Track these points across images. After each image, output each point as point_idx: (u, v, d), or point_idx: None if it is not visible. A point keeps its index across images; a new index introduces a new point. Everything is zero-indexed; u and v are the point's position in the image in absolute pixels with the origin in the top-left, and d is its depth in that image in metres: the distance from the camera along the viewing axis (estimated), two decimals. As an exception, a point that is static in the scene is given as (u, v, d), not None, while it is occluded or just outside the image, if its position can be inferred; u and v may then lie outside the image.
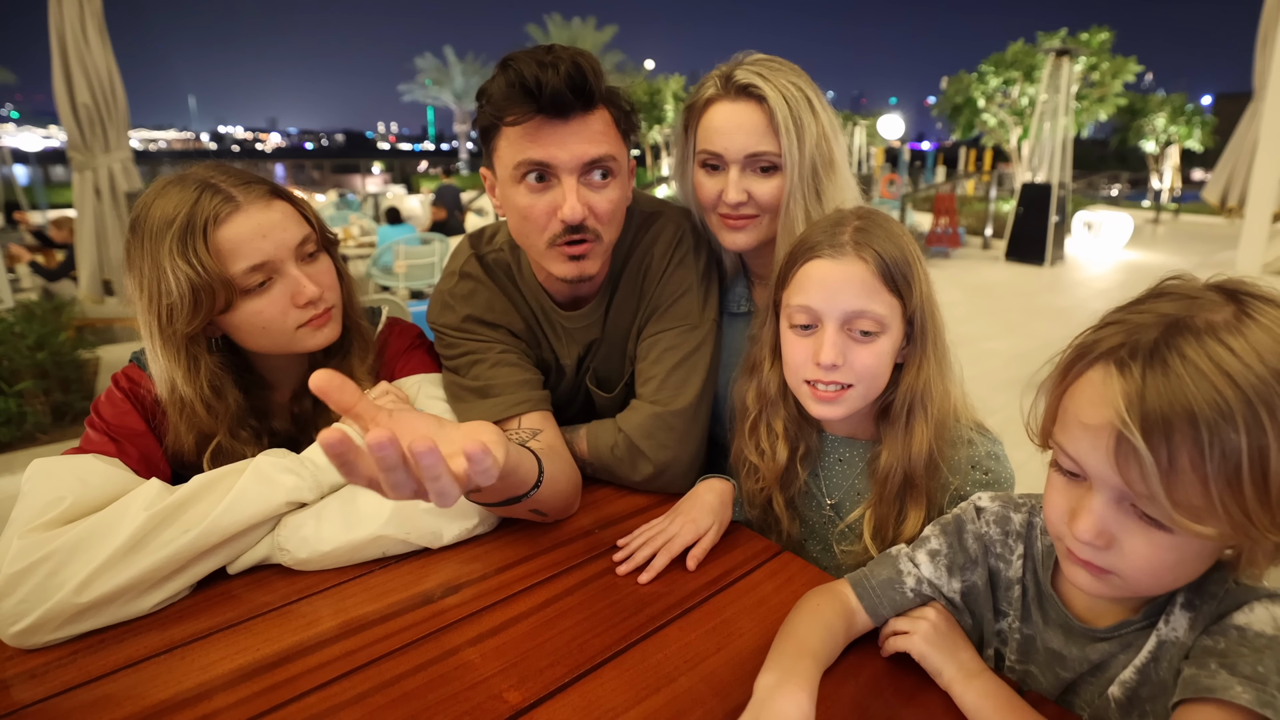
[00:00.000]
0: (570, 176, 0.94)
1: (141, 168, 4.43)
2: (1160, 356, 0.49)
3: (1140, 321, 0.52)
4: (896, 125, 20.71)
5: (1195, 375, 0.48)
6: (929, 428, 0.88)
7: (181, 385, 0.91)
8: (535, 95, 0.89)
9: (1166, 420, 0.48)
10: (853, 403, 0.87)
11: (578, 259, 1.00)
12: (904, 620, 0.75)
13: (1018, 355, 5.01)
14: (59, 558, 0.75)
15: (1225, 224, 12.94)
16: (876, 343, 0.85)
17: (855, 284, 0.83)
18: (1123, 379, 0.50)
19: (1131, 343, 0.51)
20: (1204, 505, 0.49)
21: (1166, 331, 0.50)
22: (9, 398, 3.25)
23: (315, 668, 0.73)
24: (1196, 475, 0.48)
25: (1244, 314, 0.50)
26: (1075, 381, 0.55)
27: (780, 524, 1.01)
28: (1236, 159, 4.37)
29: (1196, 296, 0.52)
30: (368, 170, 29.44)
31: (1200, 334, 0.49)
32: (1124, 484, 0.51)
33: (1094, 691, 0.67)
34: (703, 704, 0.68)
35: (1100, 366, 0.53)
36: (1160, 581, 0.56)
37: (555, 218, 0.96)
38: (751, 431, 1.00)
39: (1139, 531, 0.54)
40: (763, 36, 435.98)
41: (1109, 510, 0.54)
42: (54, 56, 3.90)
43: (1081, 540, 0.55)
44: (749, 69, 1.04)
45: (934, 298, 0.89)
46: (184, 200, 0.87)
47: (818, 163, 1.04)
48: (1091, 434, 0.53)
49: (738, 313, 1.21)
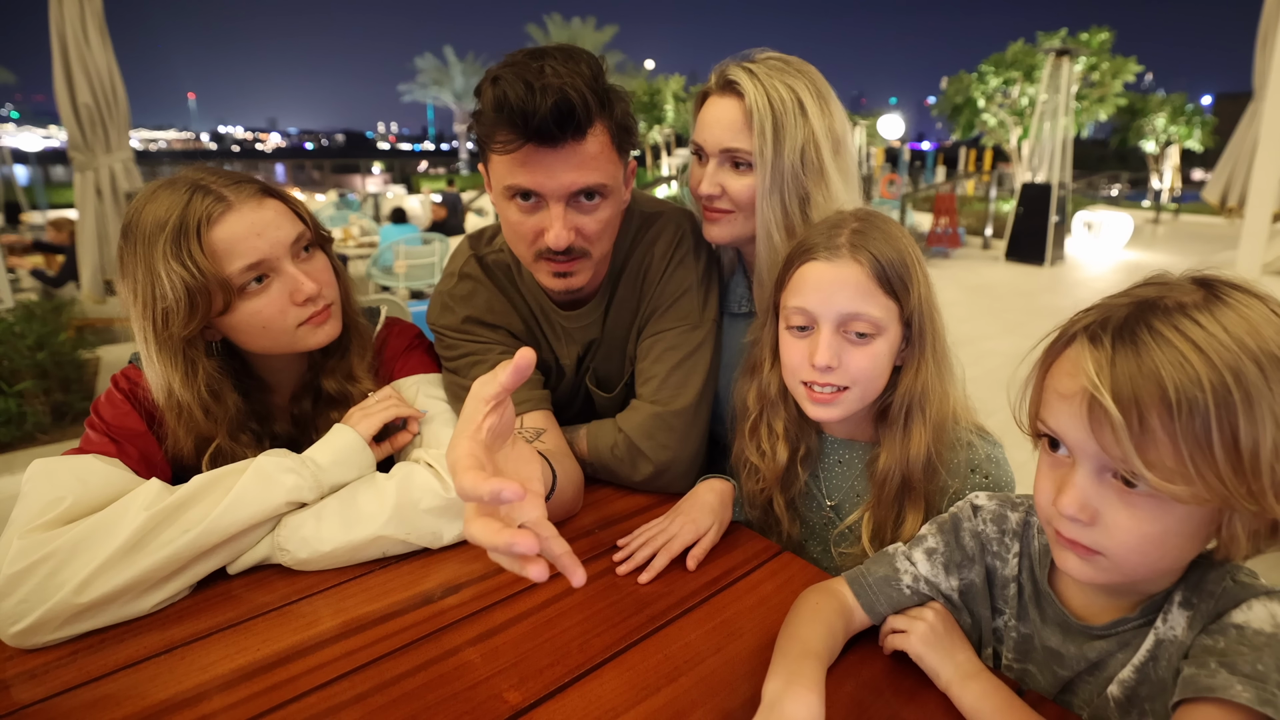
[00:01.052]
0: (558, 204, 0.93)
1: (142, 168, 4.42)
2: (1130, 329, 0.53)
3: (1115, 303, 0.56)
4: (896, 125, 20.70)
5: (1164, 344, 0.50)
6: (927, 431, 0.88)
7: (179, 390, 0.90)
8: (521, 126, 0.86)
9: (1135, 383, 0.50)
10: (849, 405, 0.87)
11: (564, 275, 1.00)
12: (902, 619, 0.75)
13: (1018, 355, 4.94)
14: (59, 558, 0.75)
15: (1225, 224, 12.94)
16: (872, 345, 0.85)
17: (850, 286, 0.83)
18: (1094, 349, 0.53)
19: (1104, 319, 0.55)
20: (1176, 467, 0.50)
21: (1138, 308, 0.53)
22: (9, 398, 3.25)
23: (315, 668, 0.73)
24: (1167, 436, 0.50)
25: (1214, 296, 0.53)
26: (1055, 360, 0.59)
27: (781, 524, 1.01)
28: (1236, 159, 4.37)
29: (1170, 283, 0.56)
30: (368, 170, 29.45)
31: (1170, 311, 0.52)
32: (1100, 449, 0.53)
33: (1092, 690, 0.67)
34: (703, 704, 0.68)
35: (1076, 343, 0.56)
36: (1147, 558, 0.57)
37: (542, 238, 0.96)
38: (752, 432, 1.00)
39: (1121, 505, 0.55)
40: (763, 37, 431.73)
41: (1091, 484, 0.56)
42: (54, 56, 3.90)
43: (1066, 515, 0.57)
44: (742, 66, 1.04)
45: (934, 300, 0.88)
46: (175, 203, 0.87)
47: (801, 169, 1.02)
48: (1068, 403, 0.55)
49: (738, 313, 1.21)
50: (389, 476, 0.94)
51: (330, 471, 0.91)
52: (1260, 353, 0.49)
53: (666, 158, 25.07)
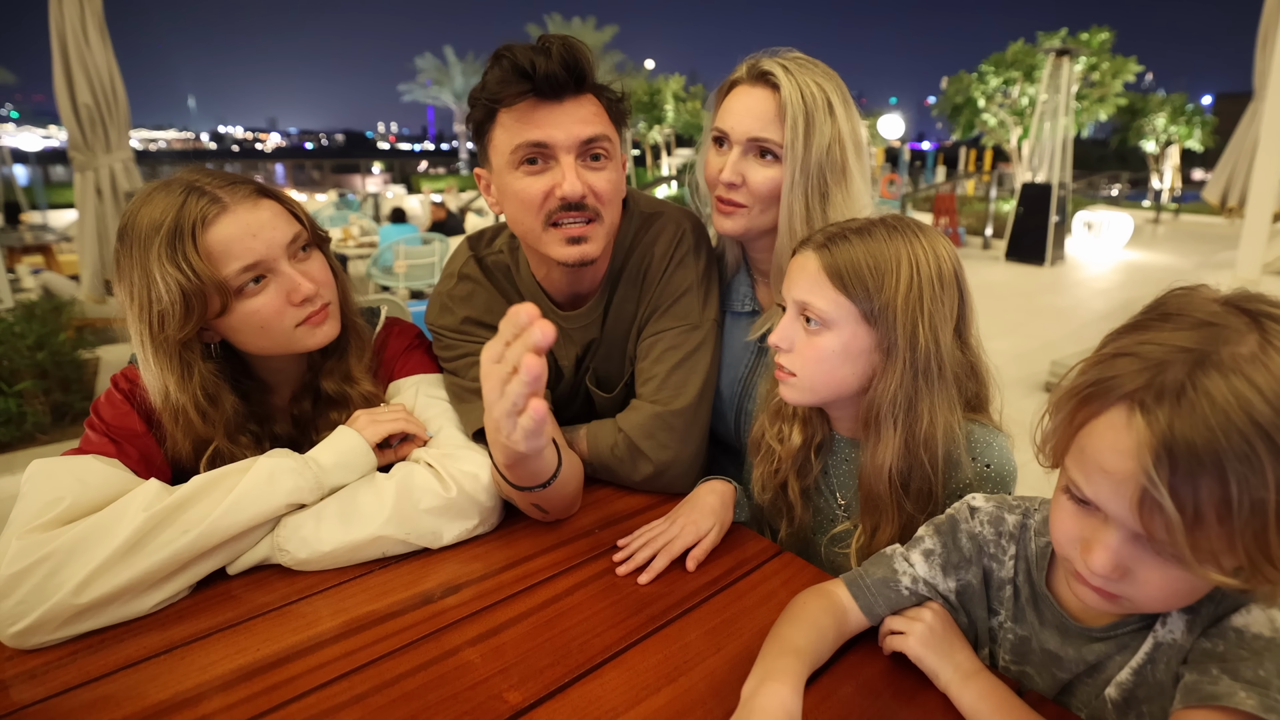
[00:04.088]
0: (568, 155, 0.96)
1: (142, 168, 4.43)
2: (1188, 400, 0.47)
3: (1161, 358, 0.50)
4: (896, 125, 20.70)
5: (1223, 423, 0.46)
6: (896, 441, 0.85)
7: (174, 392, 0.90)
8: (529, 76, 0.92)
9: (1193, 474, 0.46)
10: (800, 392, 0.90)
11: (578, 241, 1.00)
12: (900, 620, 0.75)
13: (1018, 355, 5.00)
14: (58, 558, 0.75)
15: (1225, 224, 12.94)
16: (820, 337, 0.86)
17: (805, 276, 0.88)
18: (1148, 427, 0.48)
19: (1156, 384, 0.49)
20: (1226, 552, 0.48)
21: (1191, 371, 0.48)
22: (9, 398, 3.25)
23: (315, 668, 0.73)
24: (1223, 528, 0.47)
25: (1267, 342, 0.48)
26: (1094, 420, 0.53)
27: (794, 510, 1.00)
28: (1236, 159, 4.37)
29: (1217, 324, 0.50)
30: (368, 170, 29.44)
31: (1226, 372, 0.47)
32: (1147, 534, 0.50)
33: (1090, 692, 0.67)
34: (703, 704, 0.68)
35: (1122, 408, 0.50)
36: (1170, 605, 0.57)
37: (553, 196, 0.96)
38: (775, 415, 1.00)
39: (1155, 565, 0.53)
40: (763, 37, 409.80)
41: (1125, 546, 0.54)
42: (54, 56, 3.90)
43: (1097, 574, 0.55)
44: (775, 60, 1.05)
45: (923, 312, 0.83)
46: (170, 205, 0.86)
47: (825, 166, 1.03)
48: (1114, 481, 0.51)
49: (741, 312, 1.21)
50: (389, 476, 0.94)
51: (333, 473, 0.91)
52: None
53: (666, 158, 25.06)
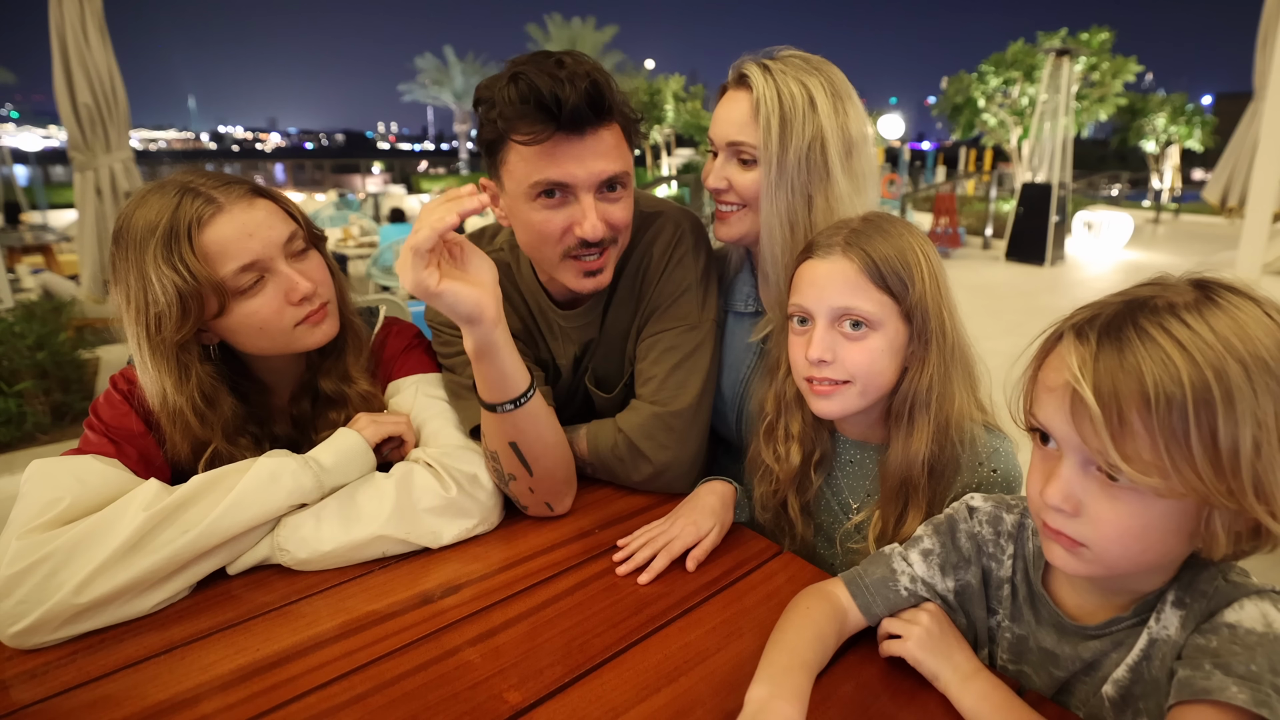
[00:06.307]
0: (588, 194, 0.94)
1: (142, 168, 4.43)
2: (1117, 326, 0.54)
3: (1108, 301, 0.57)
4: (896, 125, 20.72)
5: (1148, 342, 0.52)
6: (929, 429, 0.87)
7: (172, 395, 0.90)
8: (554, 113, 0.86)
9: (1115, 378, 0.52)
10: (848, 400, 0.88)
11: (594, 274, 1.01)
12: (897, 623, 0.75)
13: (1018, 355, 4.98)
14: (58, 558, 0.75)
15: (1225, 224, 12.93)
16: (868, 339, 0.85)
17: (840, 281, 0.85)
18: (1080, 345, 0.55)
19: (1094, 316, 0.56)
20: (1153, 460, 0.51)
21: (1128, 307, 0.55)
22: (9, 398, 3.25)
23: (315, 668, 0.73)
24: (1145, 430, 0.51)
25: (1207, 298, 0.53)
26: (1046, 356, 0.60)
27: (795, 528, 1.00)
28: (1236, 159, 4.37)
29: (1166, 283, 0.56)
30: (368, 170, 29.41)
31: (1159, 310, 0.53)
32: (1081, 441, 0.55)
33: (1088, 690, 0.67)
34: (703, 704, 0.68)
35: (1065, 339, 0.57)
36: (1128, 551, 0.57)
37: (572, 233, 0.96)
38: (768, 435, 1.00)
39: (1103, 497, 0.56)
40: (763, 37, 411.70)
41: (1075, 475, 0.57)
42: (54, 56, 3.89)
43: (1050, 505, 0.58)
44: (758, 62, 1.04)
45: (945, 301, 0.87)
46: (165, 206, 0.86)
47: (806, 167, 1.01)
48: (1053, 396, 0.57)
49: (744, 312, 1.20)
50: (388, 476, 0.94)
51: (333, 473, 0.91)
52: (1246, 354, 0.50)
53: (666, 158, 25.06)
